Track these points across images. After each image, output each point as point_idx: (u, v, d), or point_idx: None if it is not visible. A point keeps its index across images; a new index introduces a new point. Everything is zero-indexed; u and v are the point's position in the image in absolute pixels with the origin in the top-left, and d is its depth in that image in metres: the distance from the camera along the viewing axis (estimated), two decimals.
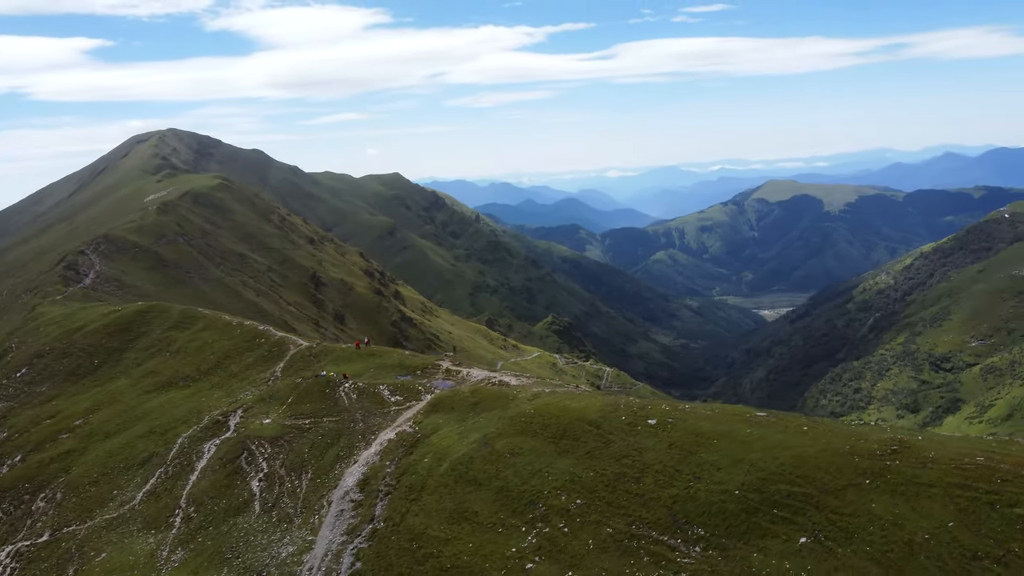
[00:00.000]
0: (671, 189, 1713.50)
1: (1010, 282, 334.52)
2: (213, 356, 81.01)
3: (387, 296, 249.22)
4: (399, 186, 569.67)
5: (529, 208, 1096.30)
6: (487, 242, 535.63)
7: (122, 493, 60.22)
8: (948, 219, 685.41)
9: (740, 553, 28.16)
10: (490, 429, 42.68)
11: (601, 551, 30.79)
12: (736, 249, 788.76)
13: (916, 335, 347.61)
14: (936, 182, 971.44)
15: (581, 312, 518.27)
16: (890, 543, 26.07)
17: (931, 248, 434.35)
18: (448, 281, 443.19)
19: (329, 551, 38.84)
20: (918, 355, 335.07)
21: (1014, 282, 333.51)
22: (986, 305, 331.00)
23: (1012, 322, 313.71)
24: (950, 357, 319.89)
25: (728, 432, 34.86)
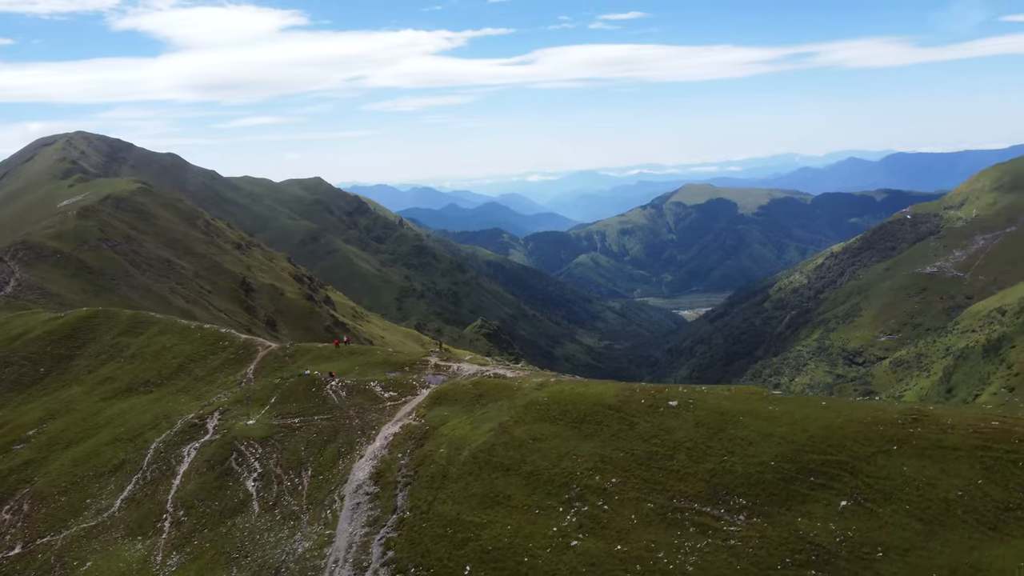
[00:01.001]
0: (591, 193, 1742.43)
1: (914, 279, 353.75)
2: (175, 360, 78.88)
3: (318, 301, 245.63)
4: (321, 191, 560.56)
5: (452, 213, 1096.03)
6: (412, 247, 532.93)
7: (96, 501, 58.29)
8: (853, 220, 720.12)
9: (784, 519, 30.06)
10: (503, 418, 43.55)
11: (646, 525, 32.18)
12: (656, 251, 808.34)
13: (830, 331, 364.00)
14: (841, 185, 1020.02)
15: (507, 315, 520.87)
16: (927, 501, 28.42)
17: (840, 248, 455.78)
18: (374, 286, 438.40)
19: (352, 543, 38.95)
20: (832, 350, 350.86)
21: (917, 279, 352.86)
22: (893, 301, 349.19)
23: (917, 317, 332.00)
24: (862, 352, 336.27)
25: (751, 410, 36.87)
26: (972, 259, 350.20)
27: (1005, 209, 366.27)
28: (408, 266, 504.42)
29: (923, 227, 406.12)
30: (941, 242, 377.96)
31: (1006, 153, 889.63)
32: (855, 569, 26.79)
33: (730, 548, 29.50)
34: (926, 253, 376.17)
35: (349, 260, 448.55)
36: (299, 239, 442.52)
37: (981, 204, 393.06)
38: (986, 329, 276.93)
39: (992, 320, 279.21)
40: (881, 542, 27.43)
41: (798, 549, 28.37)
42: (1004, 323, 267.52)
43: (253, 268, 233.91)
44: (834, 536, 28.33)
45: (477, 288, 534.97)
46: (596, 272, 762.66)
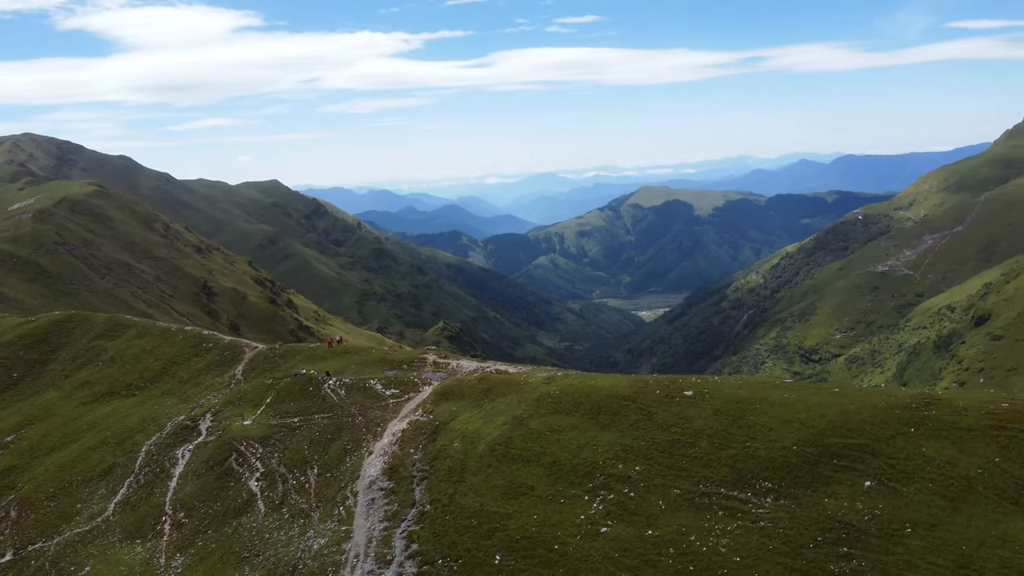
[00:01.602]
0: (548, 195, 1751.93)
1: (867, 278, 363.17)
2: (157, 363, 77.70)
3: (281, 305, 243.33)
4: (278, 194, 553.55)
5: (410, 215, 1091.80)
6: (371, 249, 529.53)
7: (88, 506, 57.30)
8: (805, 221, 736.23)
9: (811, 500, 31.21)
10: (516, 411, 44.11)
11: (674, 510, 33.07)
12: (614, 253, 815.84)
13: (787, 330, 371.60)
14: (793, 187, 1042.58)
15: (468, 318, 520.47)
16: (949, 479, 29.82)
17: (795, 248, 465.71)
18: (334, 290, 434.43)
19: (372, 538, 39.12)
20: (789, 348, 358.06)
21: (870, 278, 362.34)
22: (847, 300, 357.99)
23: (870, 315, 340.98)
24: (818, 349, 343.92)
25: (767, 397, 38.04)
26: (922, 258, 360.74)
27: (952, 209, 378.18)
28: (368, 269, 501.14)
29: (874, 227, 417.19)
30: (892, 242, 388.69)
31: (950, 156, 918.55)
32: (886, 545, 28.04)
33: (761, 529, 30.55)
34: (877, 253, 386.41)
35: (308, 263, 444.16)
36: (257, 242, 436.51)
37: (929, 205, 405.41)
38: (936, 326, 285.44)
39: (942, 317, 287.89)
40: (908, 519, 28.75)
41: (828, 528, 29.55)
42: (953, 320, 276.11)
43: (214, 272, 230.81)
44: (862, 515, 29.57)
45: (438, 291, 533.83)
46: (555, 274, 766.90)
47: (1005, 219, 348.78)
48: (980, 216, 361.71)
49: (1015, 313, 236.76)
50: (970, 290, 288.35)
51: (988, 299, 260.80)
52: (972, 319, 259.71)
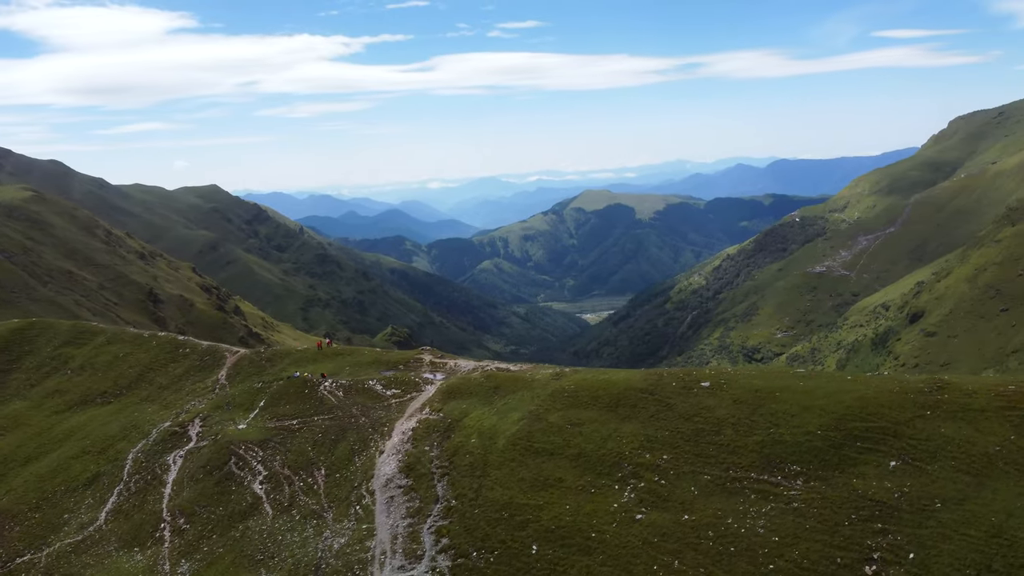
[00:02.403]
0: (491, 199, 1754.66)
1: (805, 279, 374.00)
2: (132, 370, 75.91)
3: (229, 312, 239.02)
4: (218, 199, 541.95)
5: (352, 220, 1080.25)
6: (315, 255, 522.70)
7: (76, 516, 55.89)
8: (743, 224, 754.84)
9: (840, 480, 32.81)
10: (531, 407, 44.84)
11: (707, 495, 34.29)
12: (557, 256, 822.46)
13: (730, 330, 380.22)
14: (730, 191, 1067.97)
15: (415, 323, 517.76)
16: (970, 456, 31.76)
17: (736, 250, 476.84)
18: (278, 296, 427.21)
19: (397, 535, 39.35)
20: (733, 348, 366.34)
21: (809, 278, 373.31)
22: (787, 300, 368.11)
23: (810, 314, 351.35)
24: (760, 348, 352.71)
25: (784, 386, 39.66)
26: (857, 258, 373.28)
27: (884, 211, 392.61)
28: (312, 275, 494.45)
29: (811, 229, 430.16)
30: (828, 243, 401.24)
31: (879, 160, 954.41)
32: (918, 519, 29.76)
33: (795, 510, 32.00)
34: (815, 254, 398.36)
35: (251, 270, 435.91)
36: (197, 249, 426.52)
37: (862, 207, 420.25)
38: (873, 323, 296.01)
39: (878, 315, 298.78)
40: (937, 495, 30.56)
41: (860, 506, 31.16)
42: (888, 317, 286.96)
43: (159, 279, 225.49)
44: (892, 493, 31.28)
45: (383, 296, 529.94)
46: (500, 278, 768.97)
47: (934, 220, 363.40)
48: (910, 218, 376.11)
49: (946, 310, 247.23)
50: (903, 289, 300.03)
51: (921, 297, 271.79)
52: (907, 316, 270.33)
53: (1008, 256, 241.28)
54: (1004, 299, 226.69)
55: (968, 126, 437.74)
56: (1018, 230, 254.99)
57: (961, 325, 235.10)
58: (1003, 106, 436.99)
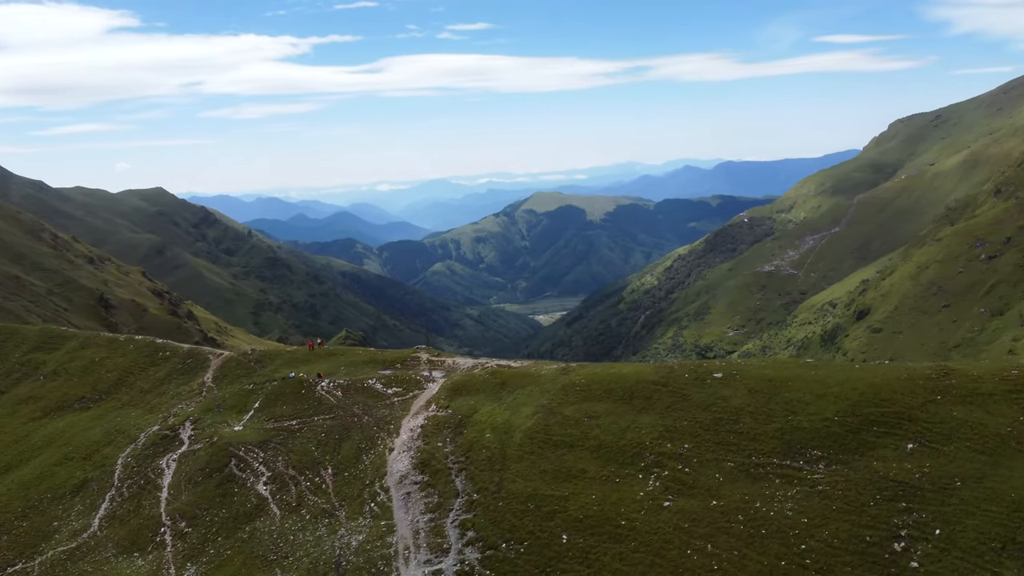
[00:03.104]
0: (442, 202, 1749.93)
1: (755, 278, 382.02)
2: (110, 375, 74.22)
3: (182, 317, 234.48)
4: (164, 202, 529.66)
5: (301, 223, 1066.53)
6: (265, 258, 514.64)
7: (66, 523, 54.61)
8: (692, 225, 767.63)
9: (861, 463, 34.23)
10: (541, 401, 45.46)
11: (732, 481, 35.37)
12: (510, 258, 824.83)
13: (683, 329, 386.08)
14: (679, 192, 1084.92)
15: (368, 326, 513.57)
16: (983, 437, 33.47)
17: (687, 250, 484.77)
18: (228, 300, 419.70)
19: (419, 529, 39.56)
20: (686, 347, 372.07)
21: (758, 278, 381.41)
22: (738, 299, 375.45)
23: (760, 312, 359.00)
24: (712, 347, 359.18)
25: (797, 375, 41.04)
26: (804, 257, 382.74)
27: (830, 211, 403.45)
28: (262, 279, 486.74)
29: (759, 229, 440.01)
30: (776, 243, 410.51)
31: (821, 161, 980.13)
32: (941, 497, 31.31)
33: (820, 493, 33.31)
34: (764, 253, 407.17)
35: (199, 274, 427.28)
36: (143, 253, 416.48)
37: (808, 208, 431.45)
38: (821, 321, 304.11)
39: (825, 313, 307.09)
40: (956, 474, 32.17)
41: (884, 487, 32.60)
42: (836, 315, 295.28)
43: (110, 283, 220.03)
44: (912, 473, 32.80)
45: (335, 299, 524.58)
46: (452, 280, 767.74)
47: (876, 220, 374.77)
48: (855, 217, 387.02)
49: (891, 307, 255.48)
50: (849, 287, 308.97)
51: (867, 295, 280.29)
52: (853, 314, 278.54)
53: (949, 254, 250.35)
54: (945, 296, 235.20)
55: (907, 128, 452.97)
56: (957, 229, 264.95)
57: (905, 321, 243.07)
58: (940, 109, 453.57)
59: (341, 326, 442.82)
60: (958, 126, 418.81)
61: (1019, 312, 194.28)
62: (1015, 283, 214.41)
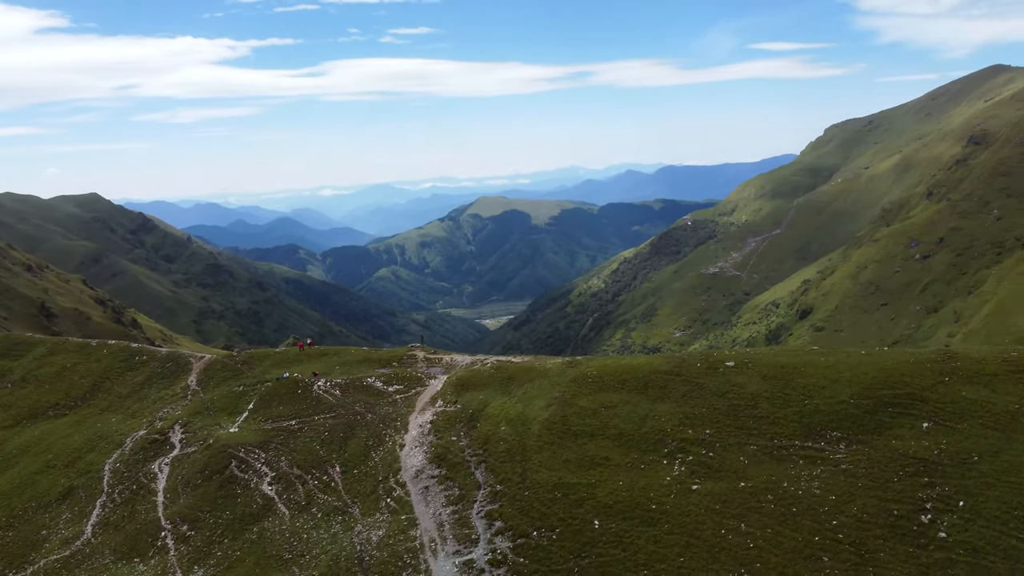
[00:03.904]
0: (386, 207, 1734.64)
1: (700, 279, 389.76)
2: (84, 381, 72.13)
3: (127, 325, 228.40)
4: (99, 208, 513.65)
5: (241, 229, 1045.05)
6: (206, 265, 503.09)
7: (55, 532, 53.06)
8: (635, 228, 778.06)
9: (880, 442, 35.83)
10: (554, 394, 46.11)
11: (757, 463, 36.58)
12: (455, 263, 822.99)
13: (631, 331, 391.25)
14: (622, 196, 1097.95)
15: (313, 333, 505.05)
16: (993, 415, 35.41)
17: (632, 253, 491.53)
18: (170, 308, 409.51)
19: (442, 522, 39.76)
20: (634, 348, 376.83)
21: (703, 279, 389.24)
22: (684, 300, 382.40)
23: (705, 313, 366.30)
24: (660, 348, 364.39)
25: (808, 362, 42.60)
26: (747, 259, 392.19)
27: (770, 214, 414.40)
28: (204, 286, 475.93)
29: (703, 232, 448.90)
30: (720, 245, 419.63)
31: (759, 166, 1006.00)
32: (960, 471, 33.07)
33: (844, 471, 34.77)
34: (707, 255, 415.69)
35: (139, 281, 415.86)
36: (79, 260, 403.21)
37: (749, 210, 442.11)
38: (765, 320, 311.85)
39: (769, 312, 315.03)
40: (973, 449, 34.00)
41: (905, 464, 34.24)
42: (779, 314, 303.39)
43: (51, 292, 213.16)
44: (931, 450, 34.53)
45: (279, 306, 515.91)
46: (398, 285, 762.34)
47: (815, 222, 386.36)
48: (794, 220, 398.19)
49: (832, 306, 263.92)
50: (791, 287, 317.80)
51: (809, 295, 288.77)
52: (796, 313, 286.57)
53: (886, 254, 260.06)
54: (883, 294, 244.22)
55: (842, 133, 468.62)
56: (893, 230, 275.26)
57: (846, 320, 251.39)
58: (872, 115, 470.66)
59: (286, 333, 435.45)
60: (890, 131, 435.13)
61: (953, 309, 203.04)
62: (948, 281, 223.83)
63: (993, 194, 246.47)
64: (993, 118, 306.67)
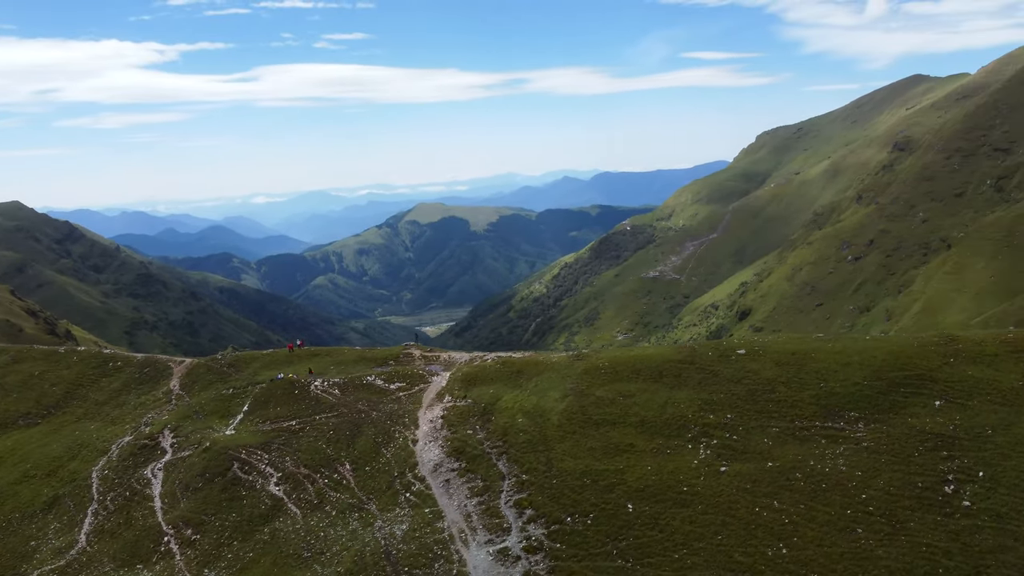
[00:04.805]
0: (321, 214, 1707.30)
1: (640, 283, 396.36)
2: (55, 388, 69.62)
3: (62, 336, 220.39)
4: (22, 216, 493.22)
5: (171, 238, 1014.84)
6: (137, 275, 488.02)
7: (45, 542, 51.33)
8: (573, 234, 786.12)
9: (897, 421, 37.70)
10: (567, 385, 46.84)
11: (781, 444, 37.99)
12: (394, 270, 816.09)
13: (574, 335, 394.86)
14: (559, 202, 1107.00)
15: (250, 342, 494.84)
16: (1000, 392, 37.69)
17: (573, 258, 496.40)
18: (100, 320, 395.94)
19: (468, 513, 40.00)
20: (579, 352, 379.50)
21: (643, 283, 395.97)
22: (625, 304, 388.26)
23: (646, 316, 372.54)
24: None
25: (817, 348, 44.37)
26: (685, 263, 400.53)
27: (707, 219, 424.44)
28: (135, 296, 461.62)
29: (641, 237, 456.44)
30: (659, 249, 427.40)
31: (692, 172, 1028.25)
32: (977, 444, 35.12)
33: (867, 448, 36.48)
34: (647, 259, 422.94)
35: (66, 292, 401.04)
36: (1, 271, 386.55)
37: (686, 215, 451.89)
38: (705, 322, 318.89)
39: (709, 315, 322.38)
40: (985, 423, 36.14)
41: (923, 439, 36.15)
42: (719, 316, 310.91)
43: None
44: (946, 426, 36.55)
45: (214, 316, 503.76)
46: (336, 293, 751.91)
47: (750, 226, 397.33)
48: (730, 224, 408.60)
49: (770, 307, 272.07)
50: (729, 289, 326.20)
51: (747, 296, 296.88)
52: (736, 314, 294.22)
53: (820, 256, 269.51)
54: (818, 295, 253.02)
55: (773, 140, 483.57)
56: (826, 233, 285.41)
57: (784, 320, 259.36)
58: (801, 122, 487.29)
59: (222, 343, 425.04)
60: (818, 138, 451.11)
61: (885, 308, 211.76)
62: (879, 281, 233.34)
63: (918, 198, 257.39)
64: (915, 125, 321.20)
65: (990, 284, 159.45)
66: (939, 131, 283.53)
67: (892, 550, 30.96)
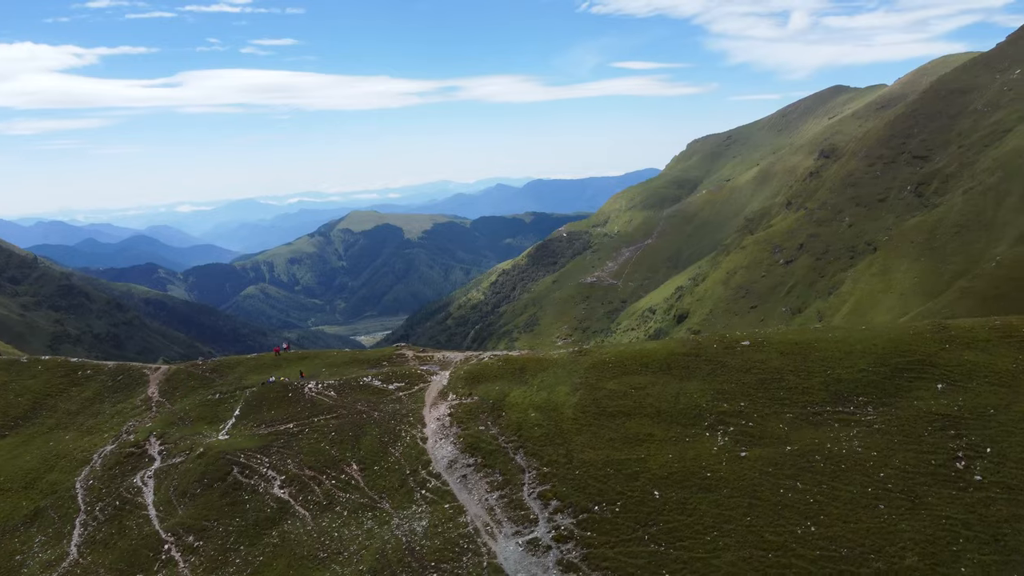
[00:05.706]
0: (250, 222, 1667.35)
1: (578, 289, 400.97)
2: (21, 399, 66.81)
3: None
4: None
5: (91, 248, 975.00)
6: (58, 287, 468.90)
7: (33, 555, 49.51)
8: (508, 241, 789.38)
9: (904, 403, 39.74)
10: (575, 380, 47.61)
11: (797, 429, 39.56)
12: (327, 279, 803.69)
13: (515, 341, 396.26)
14: (493, 209, 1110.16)
15: (179, 355, 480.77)
16: (998, 374, 40.14)
17: (510, 265, 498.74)
18: (19, 333, 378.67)
19: (491, 507, 40.30)
20: None
21: (581, 288, 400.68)
22: (564, 309, 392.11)
23: (586, 321, 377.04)
24: None
25: (819, 338, 46.27)
26: (622, 268, 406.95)
27: (642, 225, 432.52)
28: (56, 308, 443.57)
29: (578, 243, 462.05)
30: (596, 255, 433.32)
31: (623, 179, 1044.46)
32: (982, 423, 37.38)
33: (878, 430, 38.36)
34: (584, 265, 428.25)
35: None
36: None
37: (622, 222, 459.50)
38: (644, 326, 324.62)
39: (646, 319, 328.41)
40: (988, 404, 38.47)
41: (931, 420, 38.25)
42: (657, 320, 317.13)
43: None
44: (951, 407, 38.77)
45: (141, 328, 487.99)
46: (267, 303, 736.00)
47: (684, 231, 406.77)
48: (665, 229, 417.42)
49: (707, 310, 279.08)
50: (666, 293, 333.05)
51: (683, 300, 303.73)
52: (674, 318, 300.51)
53: (753, 260, 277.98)
54: (752, 298, 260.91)
55: (704, 148, 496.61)
56: (758, 238, 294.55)
57: (720, 322, 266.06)
58: (731, 131, 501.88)
59: (150, 356, 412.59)
60: (747, 145, 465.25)
61: (816, 309, 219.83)
62: (810, 284, 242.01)
63: (844, 203, 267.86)
64: (838, 133, 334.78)
65: (914, 284, 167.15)
66: (862, 139, 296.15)
67: (915, 523, 32.78)
